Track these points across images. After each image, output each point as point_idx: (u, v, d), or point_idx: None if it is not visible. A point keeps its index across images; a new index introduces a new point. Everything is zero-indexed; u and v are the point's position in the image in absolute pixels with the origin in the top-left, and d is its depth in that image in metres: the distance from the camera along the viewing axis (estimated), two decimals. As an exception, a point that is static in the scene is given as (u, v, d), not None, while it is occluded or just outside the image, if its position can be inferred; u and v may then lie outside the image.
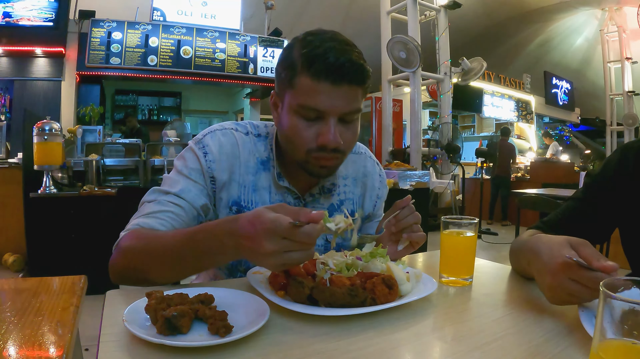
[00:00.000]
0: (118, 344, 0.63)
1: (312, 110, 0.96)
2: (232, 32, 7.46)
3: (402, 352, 0.65)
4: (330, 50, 0.93)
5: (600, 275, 0.69)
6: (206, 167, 1.05)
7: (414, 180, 4.82)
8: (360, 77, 0.97)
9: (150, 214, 1.00)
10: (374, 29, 7.98)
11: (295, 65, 0.96)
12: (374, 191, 1.28)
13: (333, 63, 0.92)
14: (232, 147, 1.08)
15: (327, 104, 0.95)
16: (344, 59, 0.93)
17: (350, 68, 0.94)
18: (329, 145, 0.97)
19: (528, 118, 13.58)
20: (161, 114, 10.82)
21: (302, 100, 0.96)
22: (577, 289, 0.71)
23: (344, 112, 0.98)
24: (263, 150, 1.12)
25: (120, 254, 0.96)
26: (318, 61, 0.93)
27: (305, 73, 0.95)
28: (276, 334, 0.68)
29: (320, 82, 0.94)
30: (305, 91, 0.96)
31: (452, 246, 1.00)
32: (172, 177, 1.06)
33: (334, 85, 0.94)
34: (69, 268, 3.36)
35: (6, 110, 6.40)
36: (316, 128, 0.98)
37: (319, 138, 0.98)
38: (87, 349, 2.10)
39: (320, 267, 0.86)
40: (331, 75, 0.93)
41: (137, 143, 5.31)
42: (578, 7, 11.43)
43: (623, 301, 0.45)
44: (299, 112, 0.98)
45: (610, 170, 1.14)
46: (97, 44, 6.63)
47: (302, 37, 1.00)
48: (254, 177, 1.10)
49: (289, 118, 1.00)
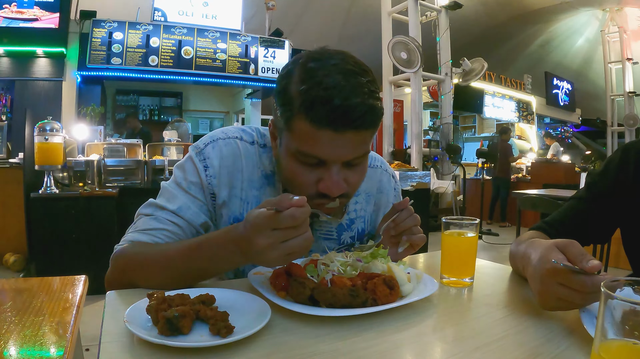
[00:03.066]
0: (119, 345, 0.63)
1: (312, 157, 0.86)
2: (233, 33, 7.46)
3: (403, 352, 0.65)
4: (334, 89, 0.79)
5: (587, 278, 0.69)
6: (206, 183, 0.98)
7: (414, 181, 4.82)
8: (369, 121, 0.83)
9: (146, 231, 0.95)
10: (375, 29, 7.99)
11: (293, 104, 0.83)
12: (387, 208, 1.16)
13: (337, 108, 0.79)
14: (234, 159, 1.00)
15: (329, 153, 0.84)
16: (351, 102, 0.79)
17: (358, 114, 0.80)
18: (331, 194, 0.88)
19: (529, 118, 13.58)
20: (162, 114, 10.82)
21: (300, 146, 0.85)
22: (566, 293, 0.71)
23: (349, 160, 0.88)
24: (268, 164, 1.03)
25: (117, 269, 0.93)
26: (318, 104, 0.80)
27: (304, 117, 0.82)
28: (277, 335, 0.68)
29: (320, 129, 0.81)
30: (303, 137, 0.84)
31: (453, 247, 1.00)
32: (171, 190, 0.99)
33: (337, 132, 0.82)
34: (69, 268, 3.38)
35: (7, 110, 6.40)
36: (317, 174, 0.88)
37: (320, 184, 0.88)
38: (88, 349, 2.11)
39: (321, 268, 0.87)
40: (334, 122, 0.80)
41: (138, 143, 5.31)
42: (579, 8, 11.42)
43: (624, 301, 0.45)
44: (297, 157, 0.88)
45: (611, 170, 1.14)
46: (98, 44, 6.63)
47: (304, 60, 0.86)
48: (258, 192, 1.02)
49: (287, 161, 0.91)
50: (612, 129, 12.57)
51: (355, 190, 0.96)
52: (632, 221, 1.12)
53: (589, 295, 0.69)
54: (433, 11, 7.73)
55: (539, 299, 0.77)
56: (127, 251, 0.93)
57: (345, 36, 9.50)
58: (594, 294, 0.69)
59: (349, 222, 1.14)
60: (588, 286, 0.69)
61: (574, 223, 1.14)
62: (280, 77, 0.90)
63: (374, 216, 1.20)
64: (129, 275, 0.89)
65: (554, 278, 0.72)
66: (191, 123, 8.59)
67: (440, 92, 7.88)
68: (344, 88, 0.79)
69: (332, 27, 9.73)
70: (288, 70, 0.88)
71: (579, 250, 0.73)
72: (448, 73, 7.76)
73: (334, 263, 0.87)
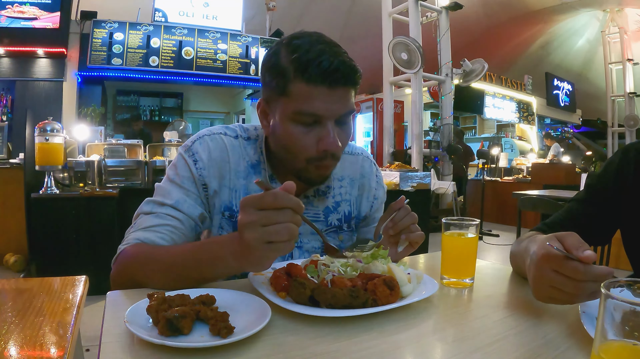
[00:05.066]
0: (119, 345, 0.63)
1: (310, 116, 0.95)
2: (233, 33, 7.47)
3: (404, 353, 0.65)
4: (322, 53, 0.92)
5: (581, 265, 0.68)
6: (197, 175, 1.04)
7: (415, 181, 4.82)
8: (354, 78, 0.96)
9: (149, 228, 0.99)
10: (376, 30, 7.99)
11: (287, 72, 0.94)
12: (370, 192, 1.26)
13: (328, 67, 0.91)
14: (221, 152, 1.07)
15: (325, 108, 0.94)
16: (338, 61, 0.92)
17: (344, 71, 0.93)
18: (331, 150, 0.96)
19: (529, 119, 13.59)
20: (162, 115, 10.83)
21: (297, 107, 0.94)
22: (559, 280, 0.71)
23: (341, 114, 0.97)
24: (253, 154, 1.11)
25: (122, 268, 0.95)
26: (312, 65, 0.91)
27: (300, 79, 0.93)
28: (278, 336, 0.68)
29: (316, 87, 0.92)
30: (300, 97, 0.94)
31: (454, 248, 1.00)
32: (166, 187, 1.05)
33: (330, 88, 0.93)
34: (70, 268, 3.38)
35: (8, 111, 6.41)
36: (314, 134, 0.97)
37: (319, 144, 0.96)
38: (88, 349, 2.11)
39: (321, 268, 0.87)
40: (327, 78, 0.92)
41: (139, 144, 5.32)
42: (579, 9, 11.43)
43: (624, 302, 0.45)
44: (295, 119, 0.96)
45: (612, 171, 1.14)
46: (98, 45, 6.64)
47: (287, 41, 0.97)
48: (245, 181, 1.09)
49: (285, 127, 0.98)
50: (613, 130, 12.56)
51: (344, 146, 1.02)
52: (632, 223, 1.12)
53: (582, 283, 0.69)
54: (433, 12, 7.73)
55: (532, 287, 0.78)
56: (131, 252, 0.95)
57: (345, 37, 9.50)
58: (587, 284, 0.69)
59: (335, 204, 1.19)
60: (581, 272, 0.69)
61: (574, 225, 1.14)
62: (267, 57, 1.00)
63: (359, 199, 1.25)
64: (133, 274, 0.92)
65: (547, 264, 0.73)
66: (192, 124, 8.58)
67: (441, 93, 7.88)
68: (329, 52, 0.92)
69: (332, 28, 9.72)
70: (274, 50, 0.99)
71: (577, 240, 0.73)
72: (448, 74, 7.76)
73: (334, 263, 0.88)
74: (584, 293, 0.70)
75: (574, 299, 0.72)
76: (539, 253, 0.75)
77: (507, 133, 13.18)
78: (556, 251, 0.71)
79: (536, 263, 0.75)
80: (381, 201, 1.31)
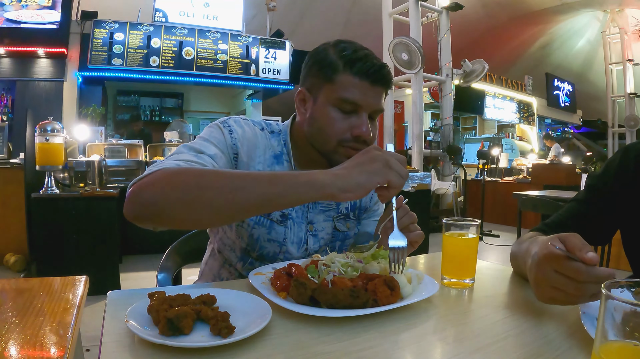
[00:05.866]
0: (120, 345, 0.63)
1: (351, 103, 1.06)
2: (234, 34, 7.47)
3: (404, 353, 0.65)
4: (368, 56, 1.07)
5: (583, 266, 0.68)
6: (231, 143, 1.09)
7: (415, 182, 4.82)
8: (390, 82, 1.10)
9: (190, 162, 0.95)
10: (376, 30, 7.99)
11: (336, 65, 1.06)
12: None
13: (372, 67, 1.05)
14: (253, 136, 1.14)
15: (364, 100, 1.06)
16: (380, 65, 1.07)
17: (384, 73, 1.07)
18: (364, 136, 1.06)
19: (530, 120, 13.59)
20: (163, 115, 10.82)
21: (341, 94, 1.05)
22: (561, 281, 0.71)
23: (375, 110, 1.09)
24: (276, 145, 1.18)
25: (164, 175, 0.84)
26: (360, 63, 1.05)
27: (348, 72, 1.05)
28: (278, 336, 0.68)
29: (361, 80, 1.05)
30: (346, 86, 1.05)
31: (454, 248, 1.00)
32: (202, 142, 1.04)
33: (372, 84, 1.06)
34: (70, 268, 3.38)
35: (8, 111, 6.42)
36: (350, 121, 1.07)
37: (354, 129, 1.06)
38: (88, 349, 2.11)
39: (322, 269, 0.87)
40: (371, 76, 1.05)
41: (139, 144, 5.32)
42: (580, 9, 11.43)
43: (624, 302, 0.45)
44: (336, 104, 1.07)
45: (612, 171, 1.14)
46: (99, 45, 6.64)
47: (334, 43, 1.11)
48: (269, 169, 1.15)
49: (325, 110, 1.08)
50: (613, 130, 12.57)
51: (372, 142, 1.11)
52: (632, 223, 1.12)
53: (584, 285, 0.69)
54: (434, 12, 7.74)
55: (534, 288, 0.77)
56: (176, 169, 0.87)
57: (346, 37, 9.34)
58: (589, 285, 0.69)
59: None
60: (583, 274, 0.68)
61: (574, 225, 1.14)
62: (313, 54, 1.13)
63: None
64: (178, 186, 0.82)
65: (549, 264, 0.72)
66: (192, 124, 8.59)
67: (441, 93, 7.89)
68: (374, 57, 1.08)
69: (333, 28, 9.73)
70: (322, 48, 1.12)
71: (579, 241, 0.72)
72: (449, 74, 7.76)
73: (334, 263, 0.88)
74: (585, 294, 0.70)
75: (576, 300, 0.72)
76: (541, 253, 0.75)
77: (507, 134, 13.18)
78: (558, 251, 0.71)
79: (538, 263, 0.75)
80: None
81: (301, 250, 1.18)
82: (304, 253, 1.18)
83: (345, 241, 1.26)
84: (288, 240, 1.16)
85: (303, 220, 1.17)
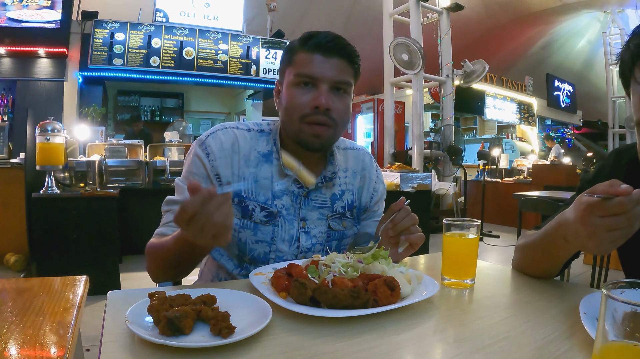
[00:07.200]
0: (120, 345, 0.63)
1: (307, 77, 1.09)
2: (234, 34, 7.47)
3: (404, 353, 0.65)
4: (322, 33, 1.12)
5: (622, 198, 0.70)
6: (210, 167, 1.13)
7: (415, 182, 4.82)
8: (346, 52, 1.11)
9: (167, 224, 1.14)
10: (377, 31, 7.99)
11: (295, 47, 1.13)
12: (370, 184, 1.33)
13: (324, 39, 1.10)
14: (232, 145, 1.16)
15: (319, 71, 1.09)
16: (333, 37, 1.11)
17: (337, 44, 1.10)
18: (321, 106, 1.08)
19: (530, 120, 13.58)
20: (163, 115, 10.82)
21: (298, 70, 1.10)
22: (611, 222, 0.72)
23: (335, 81, 1.10)
24: (265, 144, 1.20)
25: (147, 259, 1.11)
26: (312, 39, 1.10)
27: (302, 50, 1.11)
28: (278, 336, 0.68)
29: (314, 54, 1.09)
30: (301, 63, 1.10)
31: (454, 249, 1.00)
32: (180, 184, 1.16)
33: (325, 56, 1.09)
34: (70, 268, 3.37)
35: (9, 111, 6.41)
36: (310, 95, 1.09)
37: (311, 101, 1.09)
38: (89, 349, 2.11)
39: (322, 269, 0.87)
40: (323, 47, 1.09)
41: (139, 144, 5.32)
42: (580, 10, 11.43)
43: (625, 303, 0.45)
44: (295, 82, 1.11)
45: (604, 175, 1.13)
46: (99, 45, 6.64)
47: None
48: (255, 169, 1.16)
49: (287, 92, 1.13)
50: (613, 131, 12.55)
51: (341, 121, 1.14)
52: None
53: (632, 212, 0.71)
54: (434, 13, 7.74)
55: (591, 244, 0.78)
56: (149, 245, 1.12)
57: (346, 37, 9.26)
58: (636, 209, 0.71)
59: (340, 193, 1.26)
60: (627, 204, 0.70)
61: None
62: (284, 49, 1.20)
63: (360, 190, 1.33)
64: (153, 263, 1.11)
65: (593, 213, 0.74)
66: (192, 124, 8.58)
67: (442, 94, 7.88)
68: (329, 33, 1.12)
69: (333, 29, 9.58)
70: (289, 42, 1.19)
71: (606, 184, 0.74)
72: (449, 75, 7.76)
73: (335, 264, 0.88)
74: (638, 218, 0.72)
75: (632, 230, 0.74)
76: (580, 209, 0.77)
77: (507, 134, 13.17)
78: (594, 198, 0.73)
79: (582, 220, 0.77)
80: (381, 195, 1.37)
81: (293, 248, 1.17)
82: (295, 250, 1.17)
83: (343, 241, 1.26)
84: (278, 238, 1.16)
85: (295, 217, 1.17)
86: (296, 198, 1.17)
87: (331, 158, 1.24)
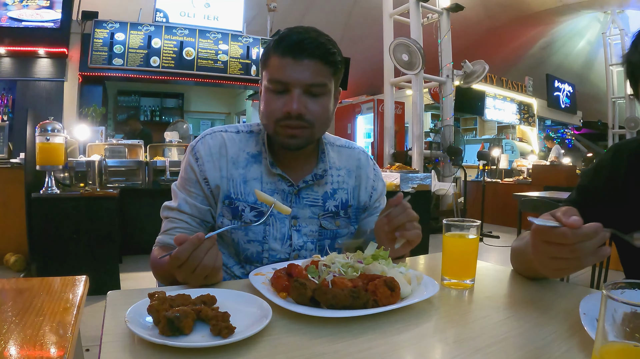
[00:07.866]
0: (120, 345, 0.63)
1: (279, 83, 1.07)
2: (234, 34, 7.47)
3: (404, 354, 0.65)
4: (294, 32, 1.07)
5: (567, 229, 0.70)
6: (199, 171, 1.16)
7: (415, 183, 4.82)
8: (319, 52, 1.06)
9: (166, 232, 1.17)
10: (377, 31, 8.00)
11: (269, 50, 1.11)
12: (368, 182, 1.32)
13: (294, 41, 1.05)
14: (219, 148, 1.18)
15: (290, 76, 1.06)
16: (304, 36, 1.06)
17: (308, 45, 1.05)
18: (292, 112, 1.06)
19: (530, 121, 13.58)
20: (163, 115, 10.83)
21: (270, 76, 1.09)
22: (554, 250, 0.73)
23: (307, 84, 1.07)
24: (254, 145, 1.21)
25: (152, 269, 1.15)
26: (283, 42, 1.06)
27: (274, 53, 1.08)
28: (278, 336, 0.68)
29: (284, 57, 1.06)
30: (273, 68, 1.08)
31: (454, 249, 1.00)
32: (175, 190, 1.20)
33: (295, 59, 1.06)
34: (70, 268, 3.37)
35: (9, 111, 6.40)
36: (282, 100, 1.08)
37: (284, 107, 1.07)
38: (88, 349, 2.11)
39: (322, 269, 0.87)
40: (292, 50, 1.05)
41: (139, 144, 5.32)
42: (580, 10, 11.42)
43: (625, 303, 0.45)
44: (269, 87, 1.10)
45: (603, 172, 1.12)
46: (99, 45, 6.64)
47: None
48: (244, 170, 1.17)
49: (263, 96, 1.13)
50: (613, 132, 12.54)
51: (318, 121, 1.12)
52: (623, 224, 1.11)
53: (576, 246, 0.71)
54: (434, 13, 7.74)
55: (539, 268, 0.80)
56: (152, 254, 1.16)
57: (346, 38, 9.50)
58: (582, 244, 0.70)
59: (332, 191, 1.25)
60: (569, 236, 0.70)
61: None
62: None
63: (357, 190, 1.31)
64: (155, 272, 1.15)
65: (539, 238, 0.75)
66: (192, 124, 8.59)
67: (442, 94, 7.88)
68: (302, 31, 1.08)
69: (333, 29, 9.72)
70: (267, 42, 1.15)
71: (564, 210, 0.74)
72: (449, 75, 7.76)
73: (335, 264, 0.88)
74: (584, 254, 0.72)
75: (580, 263, 0.73)
76: (531, 232, 0.78)
77: (507, 135, 13.16)
78: (542, 225, 0.73)
79: (532, 242, 0.78)
80: (380, 193, 1.36)
81: (285, 246, 1.17)
82: (288, 248, 1.17)
83: (337, 240, 1.25)
84: (270, 237, 1.16)
85: (286, 215, 1.17)
86: (287, 196, 1.18)
87: (322, 156, 1.23)
